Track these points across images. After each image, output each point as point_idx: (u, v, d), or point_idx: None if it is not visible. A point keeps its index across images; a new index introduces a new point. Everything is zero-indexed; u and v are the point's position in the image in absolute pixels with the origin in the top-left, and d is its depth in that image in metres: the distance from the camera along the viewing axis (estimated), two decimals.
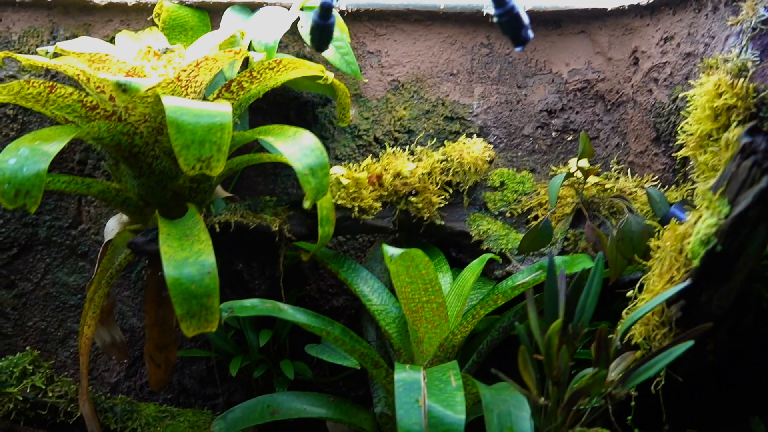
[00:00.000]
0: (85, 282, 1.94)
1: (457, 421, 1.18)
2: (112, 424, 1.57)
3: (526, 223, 1.76)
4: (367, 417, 1.62)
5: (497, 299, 1.53)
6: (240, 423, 1.54)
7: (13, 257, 1.92)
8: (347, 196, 1.65)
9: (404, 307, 1.54)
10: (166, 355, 1.68)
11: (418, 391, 1.23)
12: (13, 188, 1.17)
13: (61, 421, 1.56)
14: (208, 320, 1.22)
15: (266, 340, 1.74)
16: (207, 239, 1.29)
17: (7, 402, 1.54)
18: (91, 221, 1.92)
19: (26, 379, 1.56)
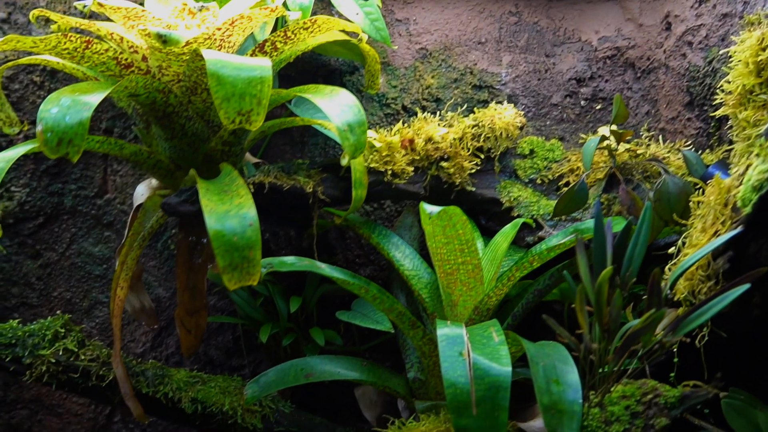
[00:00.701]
0: (110, 252, 1.93)
1: (503, 373, 1.16)
2: (144, 388, 1.56)
3: (556, 189, 1.75)
4: (401, 381, 1.61)
5: (533, 261, 1.52)
6: (273, 386, 1.53)
7: (39, 227, 1.91)
8: (380, 159, 1.64)
9: (439, 269, 1.53)
10: (196, 321, 1.67)
11: (461, 344, 1.22)
12: (55, 137, 1.15)
13: (93, 384, 1.55)
14: (250, 273, 1.21)
15: (297, 307, 1.73)
16: (246, 193, 1.28)
17: (39, 365, 1.53)
18: (116, 191, 1.91)
19: (58, 342, 1.55)
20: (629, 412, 1.10)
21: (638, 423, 1.09)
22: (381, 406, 1.83)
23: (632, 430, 1.08)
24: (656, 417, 1.07)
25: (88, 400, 1.92)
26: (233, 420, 1.60)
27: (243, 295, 1.79)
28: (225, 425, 1.60)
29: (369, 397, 1.83)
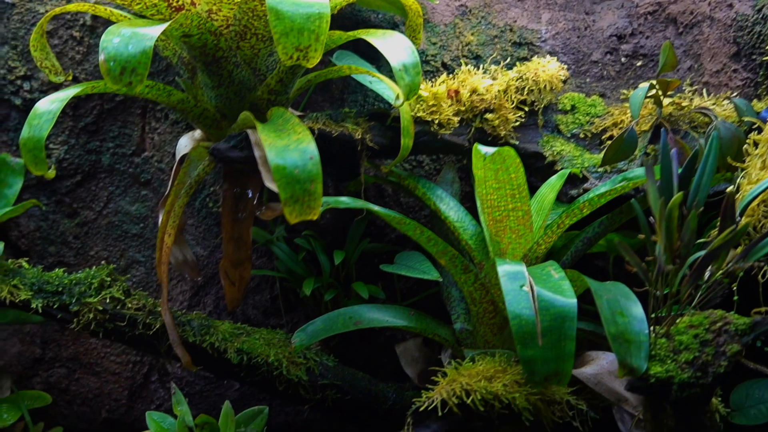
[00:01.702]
0: (147, 211, 1.92)
1: (569, 304, 1.16)
2: (190, 337, 1.55)
3: (599, 144, 1.74)
4: (448, 331, 1.60)
5: (583, 208, 1.51)
6: (321, 333, 1.52)
7: (76, 185, 1.90)
8: (426, 109, 1.63)
9: (487, 217, 1.52)
10: (240, 273, 1.66)
11: (522, 279, 1.21)
12: (118, 66, 1.15)
13: (139, 333, 1.54)
14: (311, 206, 1.20)
15: (340, 259, 1.73)
16: (304, 130, 1.27)
17: (86, 312, 1.52)
18: (154, 149, 1.90)
19: (104, 291, 1.54)
20: (698, 341, 1.10)
21: (708, 351, 1.08)
22: (423, 362, 1.82)
23: (702, 358, 1.08)
24: (727, 344, 1.06)
25: (127, 359, 1.91)
26: (278, 371, 1.59)
27: (285, 250, 1.78)
28: (270, 377, 1.59)
29: (410, 353, 1.82)
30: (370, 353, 1.91)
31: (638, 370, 1.11)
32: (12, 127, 1.88)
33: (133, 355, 1.92)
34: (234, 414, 1.34)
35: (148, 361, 1.92)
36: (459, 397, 1.23)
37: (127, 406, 1.93)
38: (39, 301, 1.50)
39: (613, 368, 1.47)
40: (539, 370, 1.15)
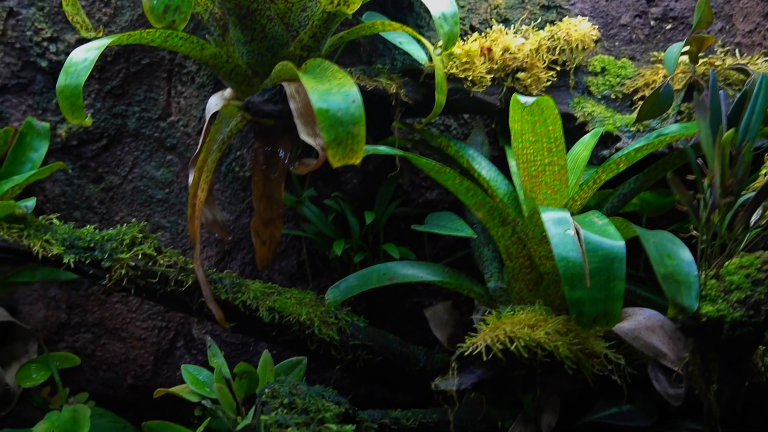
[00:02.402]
0: (172, 176, 1.91)
1: (616, 246, 1.15)
2: (222, 294, 1.54)
3: (630, 105, 1.73)
4: (482, 289, 1.59)
5: (620, 163, 1.50)
6: (355, 289, 1.51)
7: (101, 149, 1.89)
8: (459, 66, 1.62)
9: (522, 173, 1.50)
10: (271, 232, 1.65)
11: (567, 224, 1.20)
12: (162, 4, 1.14)
13: (171, 289, 1.52)
14: (354, 150, 1.19)
15: (371, 219, 1.71)
16: (345, 75, 1.26)
17: (119, 268, 1.50)
18: (180, 113, 1.89)
19: (136, 247, 1.52)
20: (750, 280, 1.08)
21: (761, 290, 1.07)
22: (452, 325, 1.81)
23: (755, 297, 1.06)
24: None
25: (152, 324, 1.90)
26: (310, 331, 1.58)
27: (315, 211, 1.77)
28: (302, 336, 1.58)
29: (439, 317, 1.81)
30: (397, 321, 1.90)
31: (689, 309, 1.09)
32: (37, 91, 1.86)
33: (159, 320, 1.91)
34: (273, 363, 1.32)
35: (173, 327, 1.91)
36: (503, 343, 1.22)
37: (153, 372, 1.92)
38: (71, 257, 1.49)
39: (650, 323, 1.46)
40: (587, 311, 1.13)
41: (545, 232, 1.42)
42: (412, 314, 1.91)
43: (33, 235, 1.49)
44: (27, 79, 1.86)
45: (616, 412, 1.45)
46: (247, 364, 1.26)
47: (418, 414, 1.50)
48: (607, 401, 1.48)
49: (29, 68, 1.85)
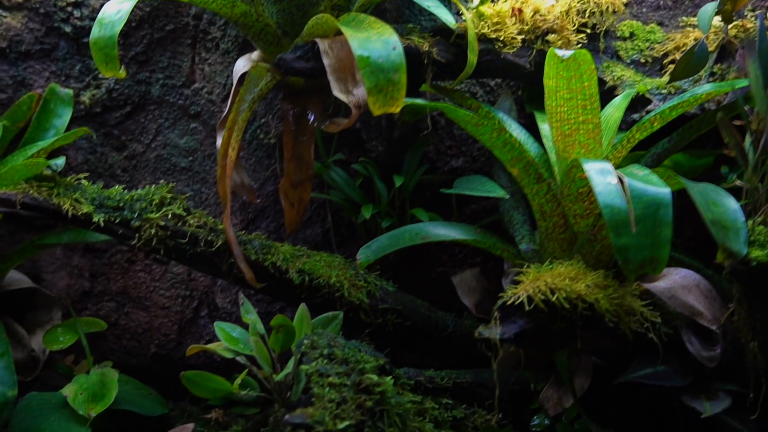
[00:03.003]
0: (196, 144, 1.90)
1: (662, 192, 1.13)
2: (252, 255, 1.52)
3: (660, 69, 1.71)
4: (514, 250, 1.57)
5: (654, 122, 1.49)
6: (387, 248, 1.50)
7: (125, 116, 1.88)
8: (491, 26, 1.60)
9: (556, 132, 1.49)
10: (300, 194, 1.64)
11: (610, 173, 1.19)
12: None
13: (201, 250, 1.51)
14: (395, 97, 1.18)
15: (400, 183, 1.70)
16: (383, 24, 1.25)
17: (148, 228, 1.49)
18: (204, 80, 1.88)
19: (165, 207, 1.51)
20: None
21: None
22: (479, 292, 1.80)
23: None
24: None
25: (176, 293, 1.89)
26: (340, 293, 1.57)
27: (342, 175, 1.75)
28: (331, 299, 1.57)
29: (467, 283, 1.80)
30: (422, 290, 1.87)
31: (738, 254, 1.08)
32: (60, 57, 1.85)
33: (183, 289, 1.89)
34: (309, 317, 1.31)
35: (197, 296, 1.90)
36: (544, 293, 1.21)
37: (177, 342, 1.90)
38: (100, 216, 1.48)
39: (686, 283, 1.45)
40: (633, 257, 1.12)
41: (581, 188, 1.42)
42: (437, 284, 1.90)
43: (62, 193, 1.48)
44: (50, 45, 1.84)
45: (651, 372, 1.44)
46: (285, 317, 1.24)
47: (451, 374, 1.49)
48: (642, 362, 1.47)
49: (53, 34, 1.84)
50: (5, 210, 1.44)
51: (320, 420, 1.07)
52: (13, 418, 1.49)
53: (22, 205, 1.44)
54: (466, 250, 1.91)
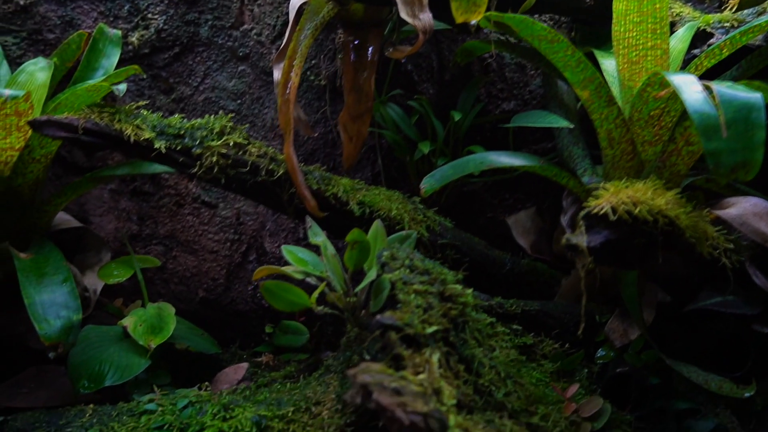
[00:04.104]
0: (244, 87, 1.88)
1: (752, 97, 1.11)
2: (313, 185, 1.50)
3: (719, 6, 1.70)
4: (577, 181, 1.55)
5: (723, 48, 1.46)
6: (451, 176, 1.48)
7: (173, 58, 1.86)
8: None
9: (622, 59, 1.47)
10: (358, 128, 1.62)
11: (695, 83, 1.17)
12: None
13: (261, 179, 1.49)
14: (477, 4, 1.16)
15: (459, 117, 1.68)
16: None
17: (209, 156, 1.47)
18: (253, 21, 1.86)
19: (226, 136, 1.49)
20: None
21: None
22: (534, 233, 1.78)
23: None
24: None
25: (225, 237, 1.87)
26: (400, 226, 1.55)
27: (398, 111, 1.73)
28: (392, 231, 1.54)
29: (522, 224, 1.78)
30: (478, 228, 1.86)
31: None
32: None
33: (231, 233, 1.87)
34: (385, 234, 1.29)
35: (246, 240, 1.88)
36: (626, 205, 1.18)
37: (225, 286, 1.88)
38: (162, 142, 1.45)
39: (757, 210, 1.42)
40: (725, 161, 1.09)
41: (653, 111, 1.40)
42: (486, 230, 1.88)
43: (123, 120, 1.46)
44: None
45: (722, 300, 1.43)
46: (361, 232, 1.22)
47: (519, 303, 1.47)
48: (711, 292, 1.45)
49: None
50: (67, 135, 1.42)
51: (409, 323, 1.05)
52: (72, 349, 1.47)
53: (84, 130, 1.42)
54: (517, 195, 1.89)
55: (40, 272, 1.45)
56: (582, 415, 1.27)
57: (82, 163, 1.84)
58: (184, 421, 1.26)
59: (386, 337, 1.04)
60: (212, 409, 1.28)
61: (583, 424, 1.26)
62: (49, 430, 1.31)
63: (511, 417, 1.14)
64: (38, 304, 1.38)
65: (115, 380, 1.43)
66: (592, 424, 1.26)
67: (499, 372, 1.19)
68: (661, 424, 1.38)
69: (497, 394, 1.15)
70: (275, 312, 1.88)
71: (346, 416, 1.22)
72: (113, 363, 1.46)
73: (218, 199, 1.87)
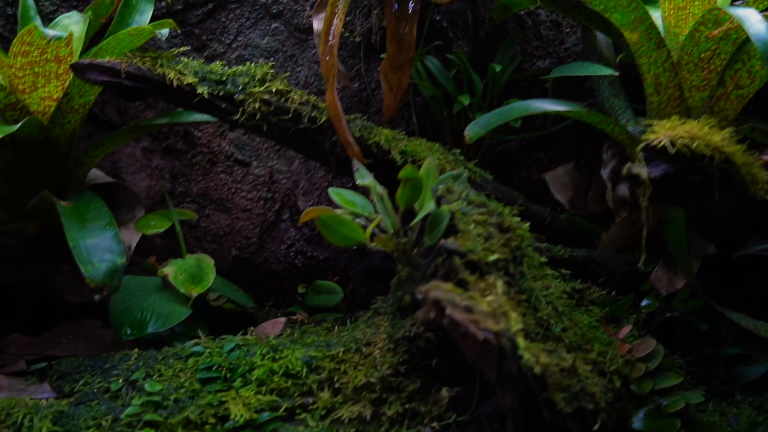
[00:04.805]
0: (277, 45, 1.86)
1: None
2: (356, 132, 1.49)
3: None
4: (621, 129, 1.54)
5: None
6: (495, 122, 1.47)
7: (206, 14, 1.84)
8: None
9: (668, 5, 1.46)
10: (399, 78, 1.60)
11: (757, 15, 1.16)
12: None
13: (304, 127, 1.47)
14: None
15: (499, 69, 1.67)
16: None
17: (252, 102, 1.45)
18: None
19: (268, 83, 1.48)
20: None
21: None
22: (572, 188, 1.77)
23: None
24: None
25: (258, 195, 1.85)
26: None
27: (436, 64, 1.72)
28: None
29: (560, 180, 1.77)
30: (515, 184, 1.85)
31: None
32: None
33: (265, 191, 1.86)
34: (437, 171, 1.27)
35: (279, 199, 1.86)
36: (683, 139, 1.17)
37: (258, 245, 1.87)
38: (204, 88, 1.44)
39: None
40: None
41: (703, 53, 1.39)
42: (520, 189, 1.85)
43: (166, 65, 1.44)
44: None
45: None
46: (414, 168, 1.20)
47: (566, 249, 1.46)
48: (757, 240, 1.44)
49: None
50: (109, 79, 1.41)
51: (472, 249, 1.04)
52: (113, 297, 1.46)
53: (126, 75, 1.41)
54: (551, 154, 1.88)
55: (82, 218, 1.43)
56: (636, 355, 1.25)
57: (114, 121, 1.83)
58: (233, 361, 1.25)
59: (450, 262, 1.03)
60: (261, 350, 1.26)
61: (638, 365, 1.25)
62: (94, 373, 1.29)
63: (569, 351, 1.13)
64: (82, 247, 1.36)
65: (158, 327, 1.42)
66: (646, 364, 1.25)
67: (555, 307, 1.18)
68: (711, 369, 1.37)
69: (555, 329, 1.14)
70: (308, 272, 1.86)
71: (399, 355, 1.20)
72: (155, 311, 1.45)
73: (251, 157, 1.85)
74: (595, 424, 1.07)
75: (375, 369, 1.20)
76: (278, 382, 1.21)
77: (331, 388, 1.21)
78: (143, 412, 1.19)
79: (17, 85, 1.47)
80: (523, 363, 0.94)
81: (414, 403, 1.17)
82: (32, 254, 1.63)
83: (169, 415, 1.18)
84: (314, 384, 1.21)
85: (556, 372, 1.04)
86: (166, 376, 1.25)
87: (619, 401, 1.16)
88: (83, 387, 1.26)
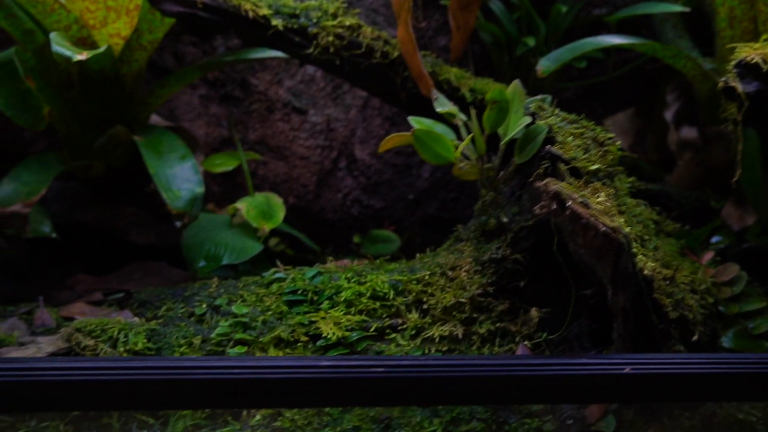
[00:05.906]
0: None
1: None
2: (428, 68, 1.48)
3: None
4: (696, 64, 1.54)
5: None
6: (566, 57, 1.47)
7: None
8: None
9: None
10: (466, 18, 1.60)
11: None
12: None
13: (376, 62, 1.47)
14: None
15: (565, 10, 1.67)
16: None
17: (325, 36, 1.45)
18: None
19: (341, 17, 1.48)
20: None
21: None
22: (633, 134, 1.77)
23: None
24: None
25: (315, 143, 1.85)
26: None
27: (500, 7, 1.72)
28: None
29: (620, 125, 1.77)
30: None
31: None
32: None
33: (322, 139, 1.86)
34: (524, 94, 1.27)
35: (336, 147, 1.86)
36: None
37: (315, 194, 1.87)
38: (279, 20, 1.44)
39: None
40: None
41: None
42: None
43: None
44: None
45: None
46: (501, 90, 1.20)
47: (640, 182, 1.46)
48: None
49: None
50: (185, 10, 1.41)
51: (575, 157, 1.04)
52: (185, 232, 1.46)
53: (203, 6, 1.41)
54: (607, 104, 1.88)
55: (158, 150, 1.43)
56: (721, 279, 1.26)
57: (172, 68, 1.83)
58: (317, 286, 1.25)
59: (555, 168, 1.03)
60: (345, 275, 1.26)
61: (723, 288, 1.25)
62: (175, 300, 1.29)
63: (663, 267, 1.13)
64: (162, 176, 1.37)
65: (232, 260, 1.42)
66: (731, 288, 1.25)
67: (646, 225, 1.18)
68: None
69: (648, 245, 1.14)
70: (363, 221, 1.86)
71: (487, 276, 1.20)
72: (228, 245, 1.45)
73: (308, 105, 1.85)
74: (693, 335, 1.07)
75: (464, 290, 1.20)
76: (366, 304, 1.21)
77: (419, 310, 1.21)
78: (233, 332, 1.19)
79: (88, 19, 1.47)
80: (636, 261, 0.94)
81: (504, 323, 1.18)
82: (97, 196, 1.63)
83: (260, 334, 1.19)
84: (402, 306, 1.21)
85: (660, 279, 1.04)
86: (250, 302, 1.25)
87: (710, 319, 1.17)
88: (167, 312, 1.26)
